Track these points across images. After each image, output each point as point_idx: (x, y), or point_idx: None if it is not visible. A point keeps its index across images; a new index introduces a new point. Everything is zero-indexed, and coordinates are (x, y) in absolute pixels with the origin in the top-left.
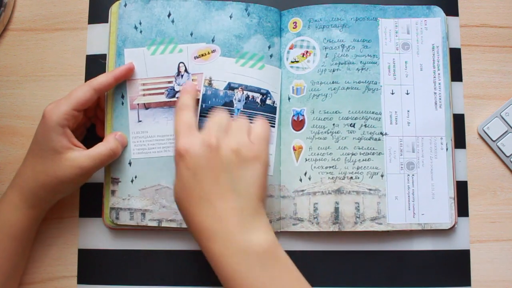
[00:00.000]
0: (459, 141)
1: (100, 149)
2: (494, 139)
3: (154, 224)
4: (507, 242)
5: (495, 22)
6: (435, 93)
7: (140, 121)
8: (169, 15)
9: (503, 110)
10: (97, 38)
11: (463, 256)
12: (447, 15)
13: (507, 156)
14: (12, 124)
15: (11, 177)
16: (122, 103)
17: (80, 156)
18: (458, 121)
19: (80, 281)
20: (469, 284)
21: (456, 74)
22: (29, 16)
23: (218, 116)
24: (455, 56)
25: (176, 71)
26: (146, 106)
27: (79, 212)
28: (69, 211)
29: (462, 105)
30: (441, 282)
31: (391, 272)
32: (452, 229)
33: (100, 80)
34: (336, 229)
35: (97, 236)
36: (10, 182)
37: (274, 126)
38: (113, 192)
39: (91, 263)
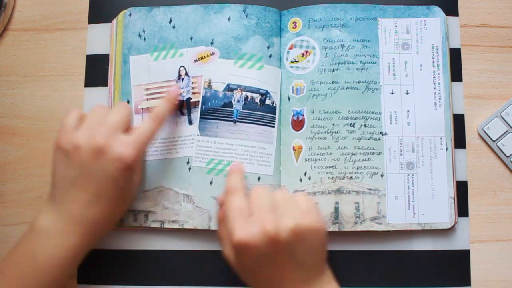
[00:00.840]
0: (459, 141)
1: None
2: (494, 139)
3: (157, 225)
4: (507, 242)
5: (495, 22)
6: (434, 93)
7: None
8: (170, 21)
9: (503, 110)
10: (97, 38)
11: (463, 256)
12: (447, 15)
13: (507, 156)
14: (12, 124)
15: (11, 177)
16: None
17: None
18: (458, 121)
19: (80, 281)
20: (469, 284)
21: (456, 74)
22: (29, 16)
23: (261, 194)
24: (455, 56)
25: (177, 74)
26: (150, 110)
27: None
28: None
29: (462, 105)
30: (441, 282)
31: (391, 272)
32: (452, 229)
33: (162, 111)
34: (336, 229)
35: None
36: (61, 215)
37: (273, 126)
38: None
39: (91, 263)
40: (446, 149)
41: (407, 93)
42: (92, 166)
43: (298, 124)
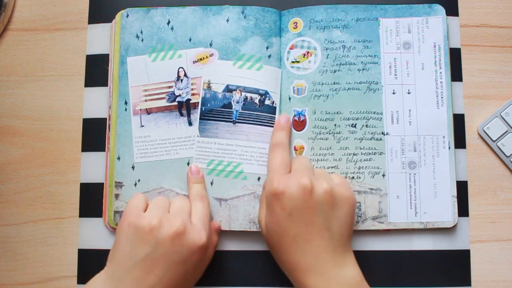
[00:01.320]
0: (459, 141)
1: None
2: (494, 139)
3: None
4: (507, 242)
5: (495, 22)
6: (436, 92)
7: (143, 126)
8: (168, 23)
9: (503, 110)
10: (97, 38)
11: (463, 256)
12: (447, 15)
13: (507, 156)
14: (12, 124)
15: (11, 177)
16: (125, 109)
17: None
18: (458, 121)
19: (80, 281)
20: (469, 284)
21: (456, 74)
22: (29, 16)
23: (304, 159)
24: (455, 56)
25: (176, 76)
26: (148, 111)
27: (79, 212)
28: (69, 211)
29: (462, 105)
30: (441, 282)
31: (391, 272)
32: (452, 228)
33: (202, 189)
34: None
35: (97, 236)
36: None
37: (273, 126)
38: (116, 195)
39: (91, 263)
40: (449, 147)
41: (408, 93)
42: (167, 248)
43: (299, 124)
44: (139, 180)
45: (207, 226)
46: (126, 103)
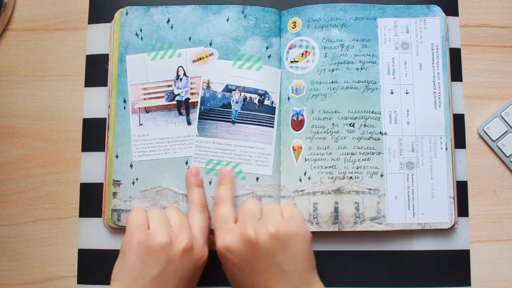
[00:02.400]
0: (459, 141)
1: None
2: (494, 139)
3: None
4: (507, 242)
5: (495, 22)
6: (434, 92)
7: (141, 124)
8: (168, 21)
9: (503, 110)
10: (97, 38)
11: (463, 256)
12: (447, 15)
13: (507, 156)
14: (12, 124)
15: (11, 177)
16: (124, 107)
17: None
18: (458, 121)
19: (80, 281)
20: (469, 284)
21: (456, 74)
22: (29, 16)
23: (249, 204)
24: (455, 56)
25: (175, 75)
26: (147, 110)
27: (79, 212)
28: (69, 211)
29: (462, 105)
30: (441, 282)
31: (391, 272)
32: (451, 229)
33: (202, 198)
34: (336, 229)
35: (97, 236)
36: None
37: (272, 126)
38: (114, 194)
39: (91, 263)
40: (446, 148)
41: (406, 93)
42: (178, 265)
43: (297, 124)
44: (137, 179)
45: (207, 240)
46: (125, 101)
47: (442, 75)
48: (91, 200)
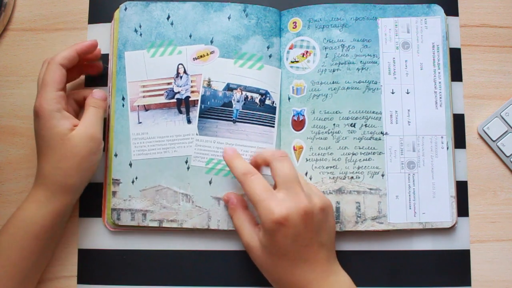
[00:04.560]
0: (459, 141)
1: (89, 112)
2: (494, 139)
3: (155, 224)
4: (507, 242)
5: (495, 22)
6: (435, 92)
7: (140, 122)
8: (168, 18)
9: (503, 110)
10: (97, 38)
11: (463, 256)
12: (447, 15)
13: (507, 156)
14: (12, 124)
15: (11, 177)
16: (123, 105)
17: (82, 127)
18: (458, 121)
19: (80, 281)
20: (469, 284)
21: (456, 74)
22: (29, 16)
23: (287, 168)
24: (455, 56)
25: (175, 72)
26: (146, 108)
27: (79, 212)
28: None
29: (462, 105)
30: (441, 282)
31: (391, 272)
32: (452, 228)
33: (62, 54)
34: (337, 229)
35: (97, 236)
36: (33, 184)
37: (273, 126)
38: (114, 193)
39: (91, 263)
40: (447, 148)
41: (407, 93)
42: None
43: (298, 124)
44: (136, 178)
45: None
46: (123, 98)
47: (443, 75)
48: (91, 200)
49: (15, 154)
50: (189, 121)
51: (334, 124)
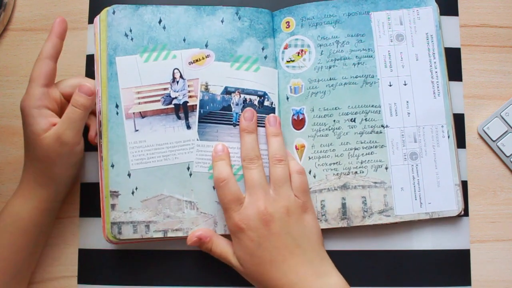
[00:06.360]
0: (459, 141)
1: (67, 111)
2: (494, 139)
3: (160, 235)
4: (507, 242)
5: (495, 22)
6: (432, 81)
7: (137, 130)
8: (160, 22)
9: (503, 110)
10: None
11: (463, 256)
12: (447, 15)
13: (507, 156)
14: (12, 124)
15: (11, 177)
16: (117, 113)
17: (54, 128)
18: (458, 121)
19: (80, 281)
20: (469, 284)
21: (456, 74)
22: (29, 16)
23: (255, 174)
24: (454, 56)
25: (171, 77)
26: (142, 115)
27: (79, 212)
28: (69, 211)
29: (462, 105)
30: (441, 282)
31: (391, 272)
32: (453, 227)
33: (47, 47)
34: (345, 225)
35: (97, 236)
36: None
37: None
38: (113, 206)
39: (91, 263)
40: (448, 136)
41: (405, 84)
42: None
43: (298, 123)
44: (136, 188)
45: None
46: (117, 106)
47: (439, 64)
48: (91, 200)
49: (15, 154)
50: (188, 127)
51: (334, 121)
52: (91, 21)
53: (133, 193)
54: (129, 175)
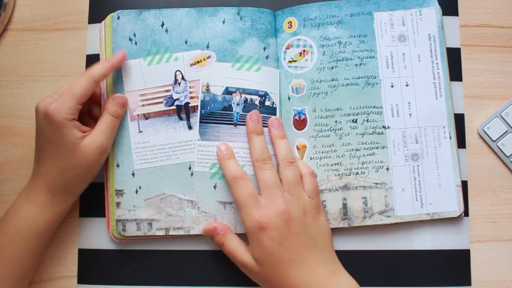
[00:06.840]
0: (459, 141)
1: (104, 120)
2: (494, 139)
3: (162, 233)
4: (507, 242)
5: (495, 22)
6: (434, 83)
7: (141, 131)
8: (162, 25)
9: (503, 110)
10: (97, 38)
11: (463, 256)
12: (447, 15)
13: (507, 156)
14: (12, 124)
15: (11, 177)
16: None
17: (94, 137)
18: (458, 121)
19: (80, 281)
20: (469, 284)
21: (456, 74)
22: (29, 16)
23: (269, 175)
24: (455, 56)
25: (173, 79)
26: (146, 116)
27: (79, 212)
28: (69, 211)
29: (462, 105)
30: (441, 282)
31: (391, 272)
32: (453, 227)
33: (99, 70)
34: (346, 225)
35: (97, 236)
36: (29, 183)
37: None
38: (118, 204)
39: (91, 263)
40: (450, 137)
41: (407, 85)
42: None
43: (300, 123)
44: (140, 187)
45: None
46: None
47: (441, 65)
48: (91, 200)
49: (15, 154)
50: (190, 127)
51: (336, 121)
52: (91, 21)
53: (137, 192)
54: (133, 174)
